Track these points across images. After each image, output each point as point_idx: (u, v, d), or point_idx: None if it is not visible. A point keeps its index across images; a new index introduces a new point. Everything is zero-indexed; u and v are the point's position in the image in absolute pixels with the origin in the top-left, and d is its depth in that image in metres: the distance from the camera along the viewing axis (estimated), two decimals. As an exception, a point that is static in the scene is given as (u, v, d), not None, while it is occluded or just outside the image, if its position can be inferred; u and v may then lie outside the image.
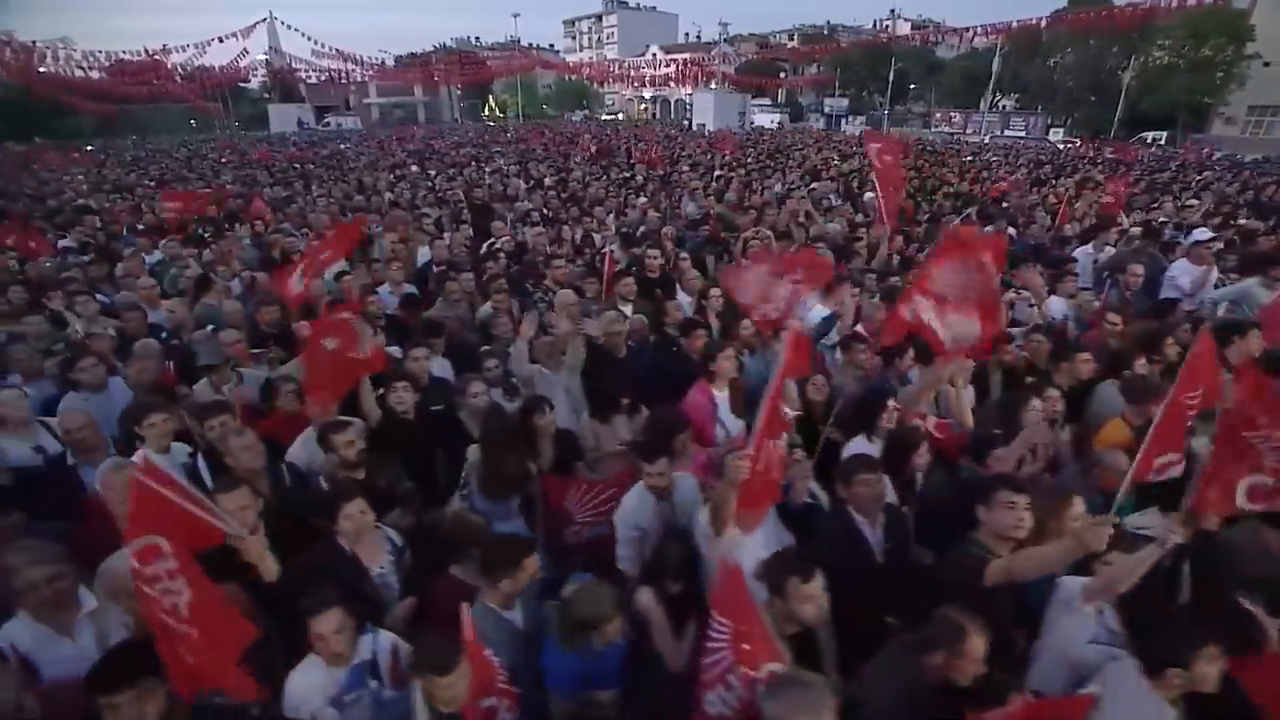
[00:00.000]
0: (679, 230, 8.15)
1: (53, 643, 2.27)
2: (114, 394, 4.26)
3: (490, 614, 2.46)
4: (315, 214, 9.87)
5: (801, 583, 2.23)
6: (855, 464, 2.86)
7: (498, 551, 2.53)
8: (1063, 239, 8.04)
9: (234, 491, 2.60)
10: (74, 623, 2.32)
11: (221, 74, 53.19)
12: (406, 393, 3.66)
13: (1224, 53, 38.78)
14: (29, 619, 2.26)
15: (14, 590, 2.22)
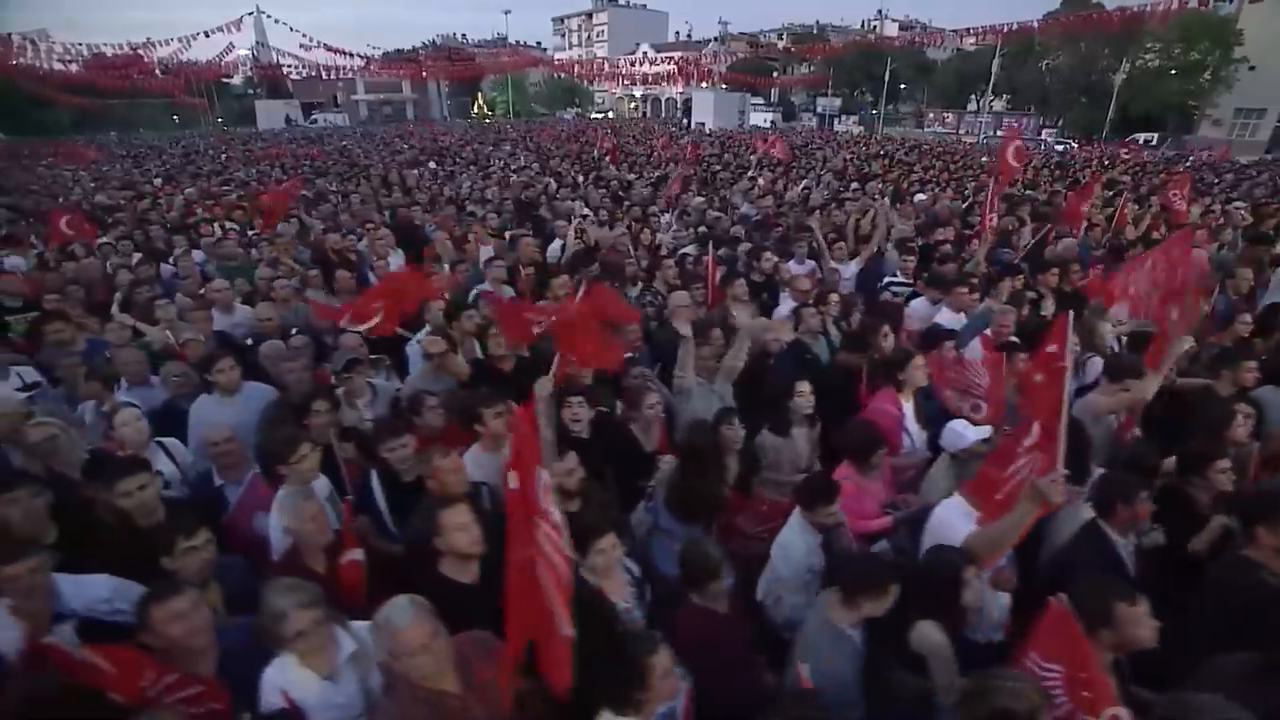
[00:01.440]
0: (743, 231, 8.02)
1: (320, 687, 2.08)
2: (249, 398, 4.04)
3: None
4: (351, 212, 9.56)
5: (1128, 606, 2.10)
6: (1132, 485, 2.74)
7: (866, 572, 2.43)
8: (1122, 246, 7.90)
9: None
10: (338, 666, 2.12)
11: (205, 69, 52.05)
12: (583, 409, 3.43)
13: (1212, 56, 39.57)
14: (295, 663, 2.06)
15: (282, 635, 2.01)
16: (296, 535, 2.57)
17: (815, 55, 60.33)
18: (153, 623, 1.99)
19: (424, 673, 1.87)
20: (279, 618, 1.98)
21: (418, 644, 1.86)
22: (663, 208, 9.62)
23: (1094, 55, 43.65)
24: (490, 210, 9.06)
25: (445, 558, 2.45)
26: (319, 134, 38.63)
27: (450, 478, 2.83)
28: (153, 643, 1.98)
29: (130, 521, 2.69)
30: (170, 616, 1.99)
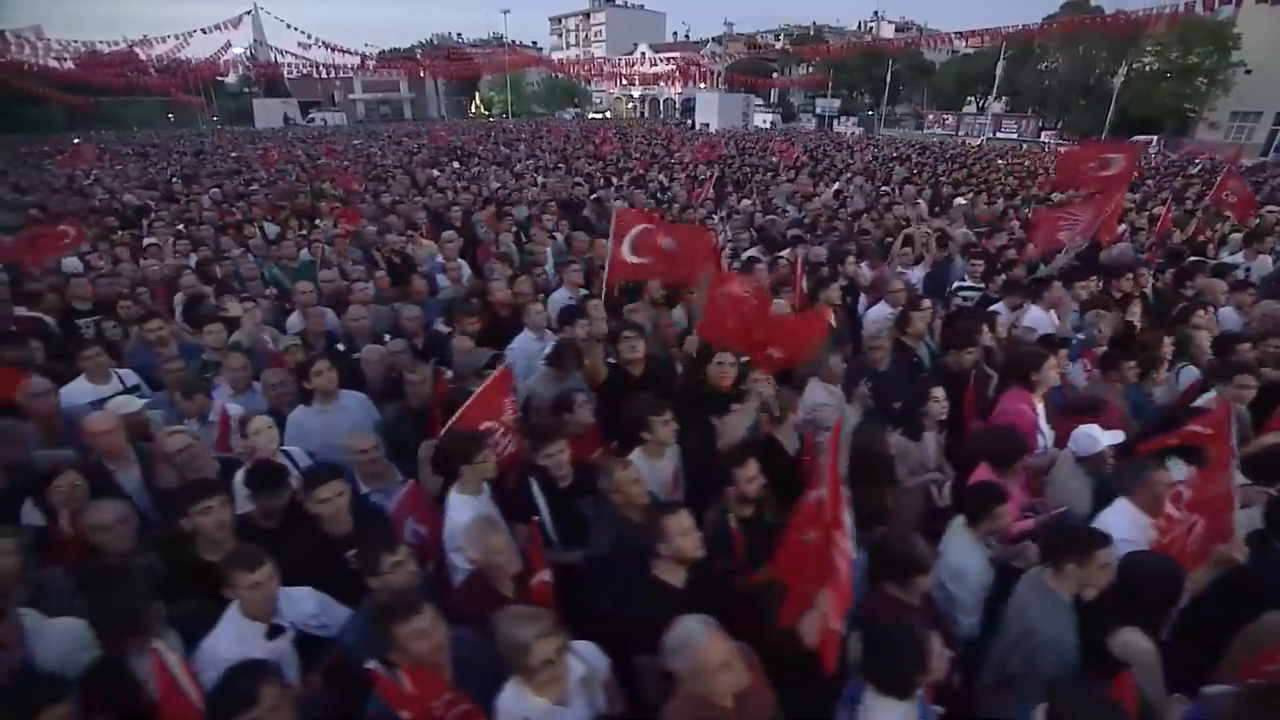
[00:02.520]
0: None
1: (554, 713, 2.06)
2: (347, 406, 3.99)
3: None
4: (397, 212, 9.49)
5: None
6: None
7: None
8: (1182, 250, 7.96)
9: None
10: (569, 690, 2.10)
11: (202, 67, 51.54)
12: (667, 427, 3.32)
13: (1210, 60, 40.02)
14: (530, 691, 2.03)
15: (527, 665, 1.98)
16: (486, 567, 2.54)
17: (814, 56, 60.42)
18: (399, 641, 1.98)
19: (724, 690, 1.86)
20: (522, 649, 1.96)
21: (719, 662, 1.85)
22: (710, 210, 9.59)
23: (1093, 58, 44.05)
24: (542, 211, 8.97)
25: (661, 562, 2.45)
26: (320, 133, 38.31)
27: (633, 489, 2.82)
28: (399, 661, 1.95)
29: (320, 531, 2.66)
30: (415, 634, 1.98)
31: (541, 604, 2.56)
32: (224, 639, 2.26)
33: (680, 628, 1.93)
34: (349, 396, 3.95)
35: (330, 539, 2.69)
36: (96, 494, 2.97)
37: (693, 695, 1.90)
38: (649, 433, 3.13)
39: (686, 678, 1.92)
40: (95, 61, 44.50)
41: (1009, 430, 3.46)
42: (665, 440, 3.13)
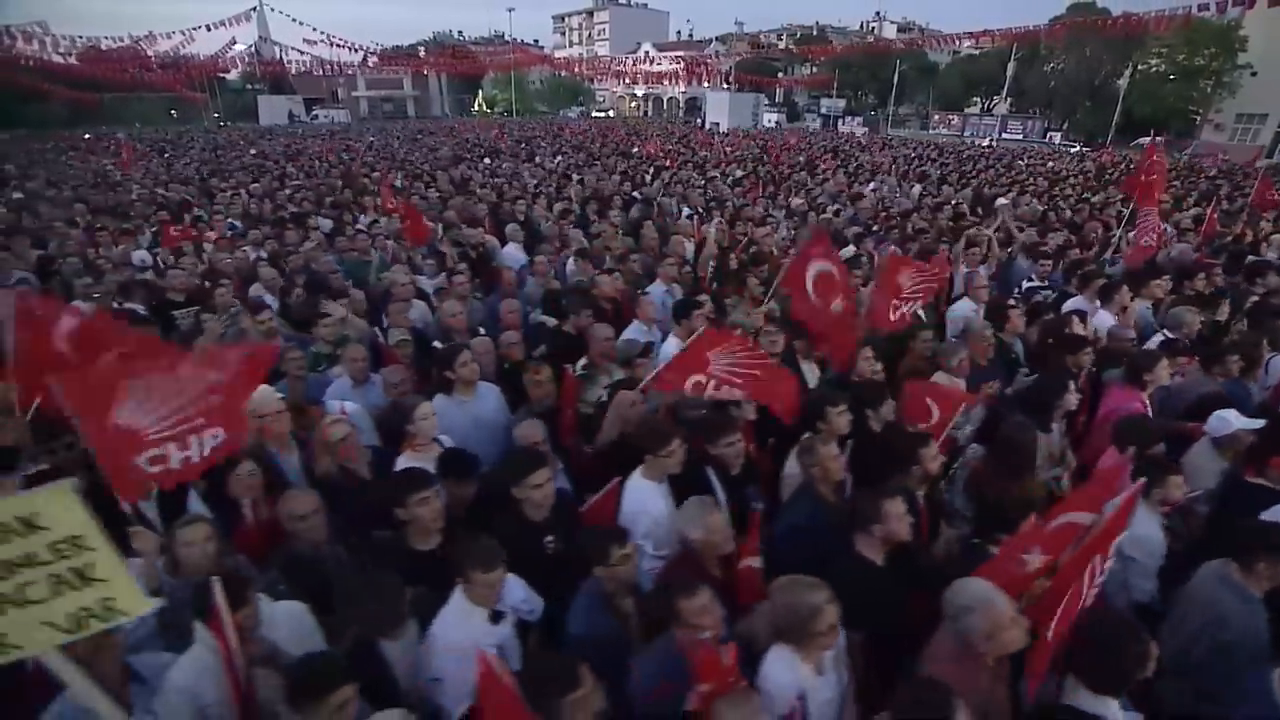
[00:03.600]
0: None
1: (817, 683, 2.14)
2: (485, 397, 4.05)
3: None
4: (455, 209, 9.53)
5: None
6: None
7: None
8: (1243, 250, 8.05)
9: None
10: (827, 660, 2.17)
11: (206, 63, 51.38)
12: (841, 417, 3.38)
13: (1216, 62, 40.28)
14: (798, 660, 2.10)
15: (812, 630, 2.06)
16: (703, 546, 2.61)
17: (819, 56, 60.56)
18: (685, 615, 2.04)
19: (1012, 646, 1.97)
20: (812, 614, 2.03)
21: (1010, 618, 2.00)
22: (766, 209, 9.67)
23: (1099, 60, 44.28)
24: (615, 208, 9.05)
25: (865, 538, 2.57)
26: (331, 130, 38.24)
27: (832, 465, 2.98)
28: (682, 636, 2.02)
29: (521, 516, 2.72)
30: (699, 610, 2.04)
31: (748, 587, 2.64)
32: (451, 624, 2.32)
33: (971, 587, 2.03)
34: (486, 388, 4.00)
35: (530, 525, 2.74)
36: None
37: (966, 656, 1.99)
38: (824, 422, 3.21)
39: (981, 636, 2.01)
40: (98, 57, 44.26)
41: (1147, 420, 3.54)
42: (840, 429, 3.21)
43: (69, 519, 1.60)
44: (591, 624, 2.35)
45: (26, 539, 1.56)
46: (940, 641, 2.29)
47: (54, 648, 1.65)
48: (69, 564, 1.61)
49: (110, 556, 1.66)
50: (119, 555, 1.69)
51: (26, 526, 1.56)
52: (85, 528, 1.62)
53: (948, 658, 2.18)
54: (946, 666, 2.16)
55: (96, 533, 1.63)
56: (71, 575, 1.62)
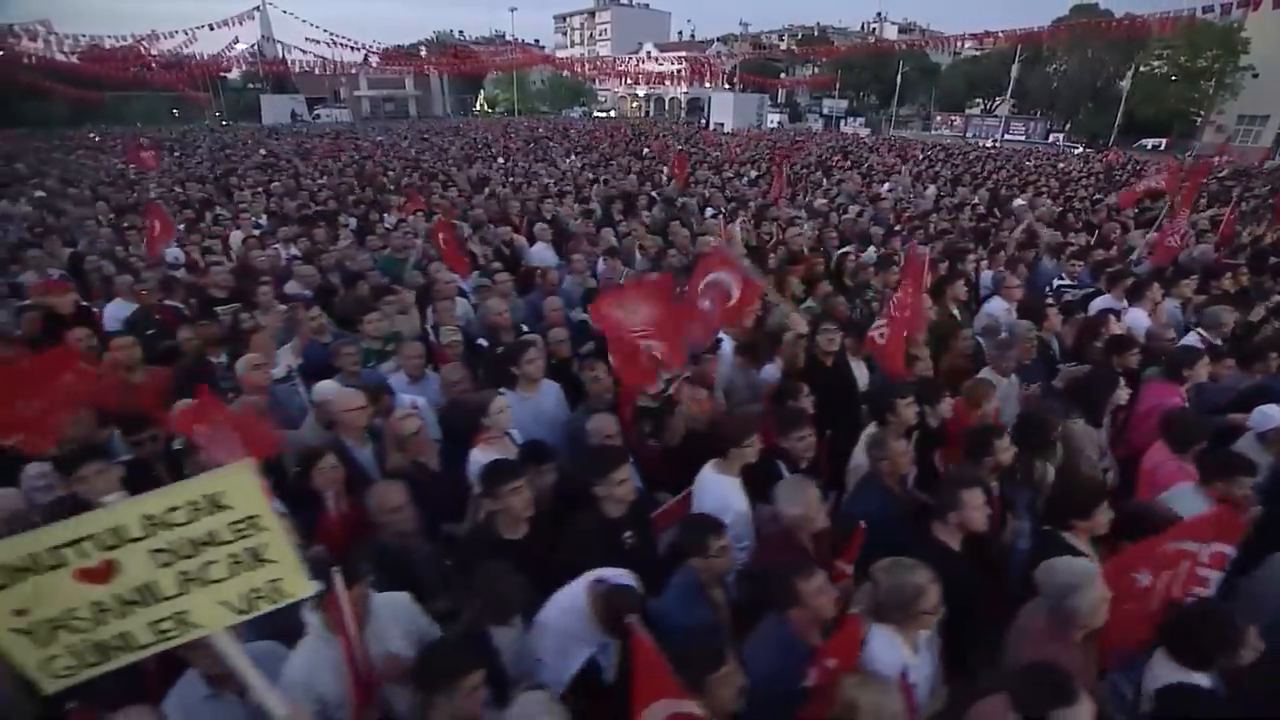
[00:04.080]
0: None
1: (915, 661, 2.24)
2: (546, 393, 4.12)
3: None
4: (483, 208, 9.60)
5: None
6: None
7: None
8: (1265, 249, 8.14)
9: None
10: (921, 641, 2.25)
11: (209, 63, 51.22)
12: (909, 409, 3.51)
13: (1218, 63, 40.46)
14: (900, 641, 2.19)
15: (917, 610, 2.16)
16: (801, 522, 2.68)
17: (821, 57, 60.65)
18: (803, 595, 2.15)
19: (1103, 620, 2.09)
20: (917, 594, 2.12)
21: (1108, 594, 2.13)
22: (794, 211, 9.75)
23: (1101, 61, 44.44)
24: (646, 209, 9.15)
25: (942, 525, 2.67)
26: (337, 130, 38.27)
27: (902, 460, 3.07)
28: (800, 617, 2.11)
29: (600, 512, 2.80)
30: (816, 590, 2.14)
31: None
32: (561, 609, 2.40)
33: (1074, 565, 2.14)
34: (547, 384, 4.08)
35: (609, 521, 2.83)
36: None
37: (1061, 632, 2.11)
38: (893, 415, 3.29)
39: (1085, 612, 2.12)
40: (98, 55, 44.10)
41: (1195, 416, 3.63)
42: (908, 421, 3.30)
43: (249, 499, 1.63)
44: (690, 614, 2.42)
45: (212, 518, 1.60)
46: (1030, 620, 2.37)
47: (224, 628, 1.70)
48: (245, 544, 1.64)
49: (281, 538, 1.69)
50: (288, 537, 1.72)
51: (213, 505, 1.59)
52: (262, 508, 1.65)
53: (1041, 635, 2.27)
54: (1040, 643, 2.25)
55: (271, 514, 1.67)
56: (247, 555, 1.65)
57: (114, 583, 1.54)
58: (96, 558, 1.52)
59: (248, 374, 3.99)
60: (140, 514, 1.54)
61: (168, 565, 1.59)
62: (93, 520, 1.51)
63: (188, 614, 1.63)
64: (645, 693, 1.77)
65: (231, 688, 2.20)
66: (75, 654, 1.55)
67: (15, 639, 1.49)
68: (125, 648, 1.59)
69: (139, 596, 1.57)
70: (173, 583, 1.60)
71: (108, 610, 1.55)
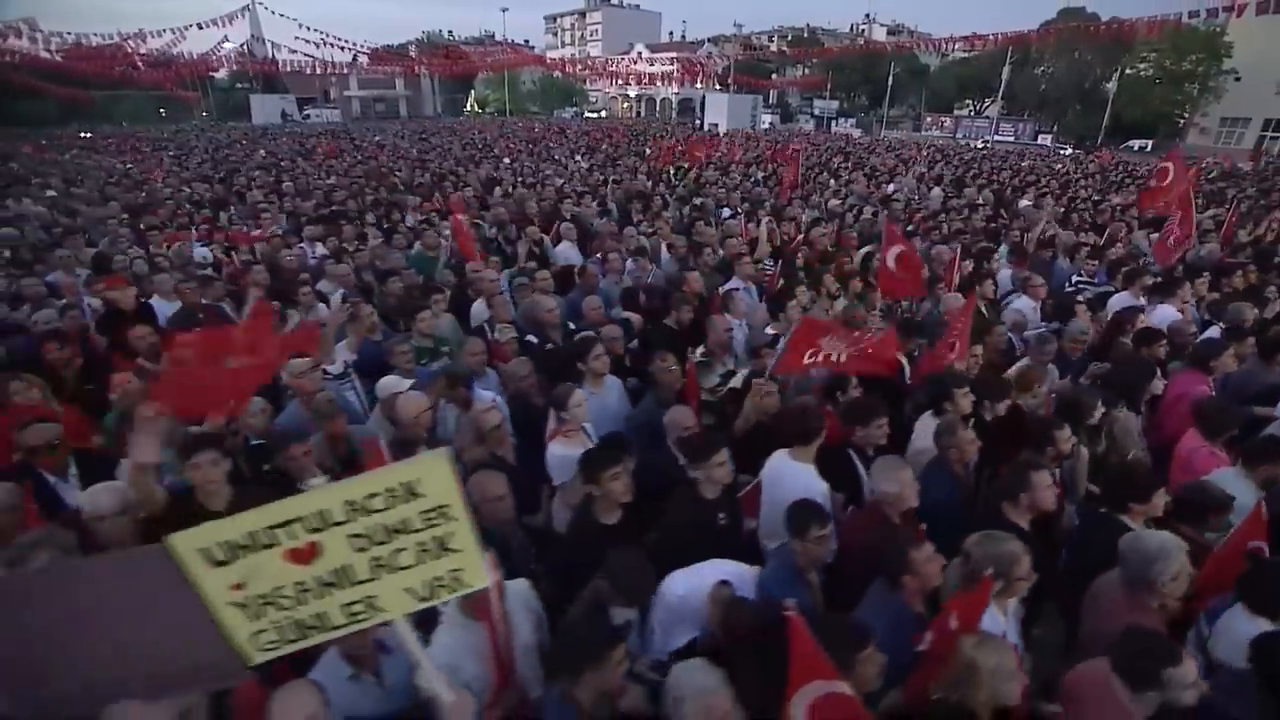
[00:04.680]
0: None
1: (1005, 625, 2.42)
2: (611, 388, 4.25)
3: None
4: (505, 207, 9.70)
5: None
6: None
7: None
8: (1269, 250, 8.40)
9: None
10: (1009, 605, 2.44)
11: (198, 62, 50.64)
12: (966, 399, 3.67)
13: (1202, 66, 41.32)
14: (996, 608, 2.36)
15: (1012, 576, 2.34)
16: (895, 499, 2.85)
17: (812, 58, 61.09)
18: (915, 564, 2.36)
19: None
20: (1013, 560, 2.31)
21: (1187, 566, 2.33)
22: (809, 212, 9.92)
23: (1088, 64, 45.21)
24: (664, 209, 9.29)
25: (1013, 506, 2.87)
26: (332, 130, 38.07)
27: (969, 448, 3.27)
28: (912, 585, 2.29)
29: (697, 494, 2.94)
30: (926, 558, 2.34)
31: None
32: (681, 583, 2.55)
33: (1157, 538, 2.36)
34: (611, 380, 4.20)
35: (705, 502, 2.97)
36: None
37: (1140, 600, 2.31)
38: (951, 404, 3.47)
39: (1168, 580, 2.32)
40: (84, 54, 43.49)
41: (1226, 405, 3.83)
42: (964, 410, 3.48)
43: (442, 488, 1.63)
44: (787, 594, 2.55)
45: (406, 505, 1.61)
46: (1106, 591, 2.54)
47: (405, 615, 1.73)
48: (434, 533, 1.65)
49: (467, 529, 1.69)
50: (474, 527, 1.73)
51: (409, 494, 1.60)
52: (454, 498, 1.65)
53: (1120, 604, 2.44)
54: (1119, 612, 2.42)
55: (461, 504, 1.66)
56: (434, 544, 1.66)
57: (315, 564, 1.59)
58: (303, 539, 1.56)
59: (300, 376, 4.06)
60: (343, 499, 1.57)
61: (363, 550, 1.62)
62: (302, 503, 1.56)
63: (376, 599, 1.67)
64: (800, 675, 1.89)
65: (369, 669, 2.31)
66: (279, 630, 1.62)
67: (232, 611, 1.57)
68: (320, 627, 1.65)
69: (336, 579, 1.63)
70: (366, 567, 1.64)
71: (308, 590, 1.61)
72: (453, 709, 1.77)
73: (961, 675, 2.04)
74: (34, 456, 3.35)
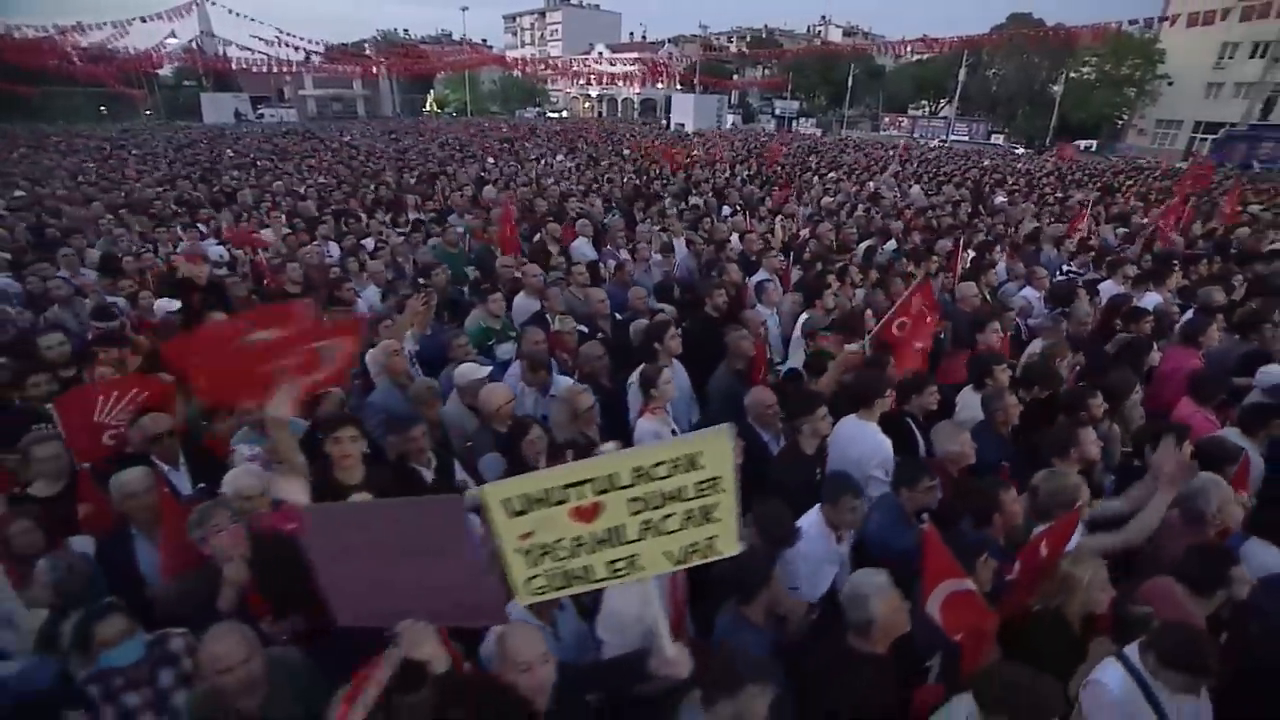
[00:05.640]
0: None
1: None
2: (678, 371, 4.53)
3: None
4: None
5: None
6: None
7: None
8: (1228, 242, 9.20)
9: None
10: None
11: (136, 58, 48.37)
12: (1004, 374, 4.14)
13: (1138, 71, 43.84)
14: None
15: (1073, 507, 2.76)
16: (956, 457, 3.29)
17: (772, 59, 62.25)
18: (1004, 504, 2.79)
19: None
20: (1075, 490, 2.79)
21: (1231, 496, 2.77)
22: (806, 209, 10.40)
23: (1036, 67, 47.41)
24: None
25: (1063, 461, 3.30)
26: (292, 130, 37.19)
27: (1013, 410, 3.74)
28: (999, 522, 2.70)
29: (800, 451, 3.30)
30: (1012, 500, 2.79)
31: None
32: (812, 539, 2.86)
33: (1201, 478, 2.83)
34: (676, 362, 4.51)
35: (805, 457, 3.37)
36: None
37: (1194, 528, 2.80)
38: (991, 379, 3.96)
39: (1214, 509, 2.80)
40: (13, 45, 41.07)
41: (1215, 374, 4.37)
42: (1003, 383, 3.98)
43: (719, 462, 1.70)
44: (896, 536, 2.93)
45: (685, 475, 1.70)
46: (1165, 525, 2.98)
47: (656, 575, 1.85)
48: (703, 502, 1.73)
49: (732, 501, 1.76)
50: (738, 499, 1.78)
51: (689, 464, 1.69)
52: (728, 471, 1.72)
53: (1176, 529, 2.92)
54: (1176, 536, 2.87)
55: (732, 478, 1.73)
56: (699, 513, 1.75)
57: (595, 523, 1.72)
58: (590, 499, 1.70)
59: (390, 360, 4.28)
60: (632, 465, 1.68)
61: (637, 514, 1.73)
62: (596, 466, 1.69)
63: (638, 558, 1.79)
64: (934, 577, 2.27)
65: (548, 621, 2.55)
66: (549, 577, 1.78)
67: (516, 557, 1.74)
68: (584, 579, 1.80)
69: (608, 537, 1.75)
70: (636, 529, 1.75)
71: (583, 545, 1.75)
72: (675, 658, 1.95)
73: (1060, 587, 2.44)
74: (151, 446, 3.48)
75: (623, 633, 2.39)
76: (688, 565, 1.84)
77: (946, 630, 2.32)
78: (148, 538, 3.03)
